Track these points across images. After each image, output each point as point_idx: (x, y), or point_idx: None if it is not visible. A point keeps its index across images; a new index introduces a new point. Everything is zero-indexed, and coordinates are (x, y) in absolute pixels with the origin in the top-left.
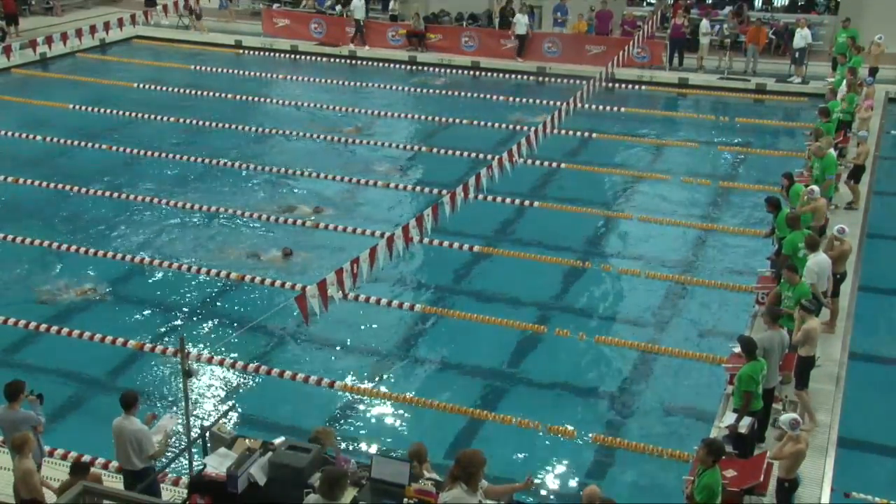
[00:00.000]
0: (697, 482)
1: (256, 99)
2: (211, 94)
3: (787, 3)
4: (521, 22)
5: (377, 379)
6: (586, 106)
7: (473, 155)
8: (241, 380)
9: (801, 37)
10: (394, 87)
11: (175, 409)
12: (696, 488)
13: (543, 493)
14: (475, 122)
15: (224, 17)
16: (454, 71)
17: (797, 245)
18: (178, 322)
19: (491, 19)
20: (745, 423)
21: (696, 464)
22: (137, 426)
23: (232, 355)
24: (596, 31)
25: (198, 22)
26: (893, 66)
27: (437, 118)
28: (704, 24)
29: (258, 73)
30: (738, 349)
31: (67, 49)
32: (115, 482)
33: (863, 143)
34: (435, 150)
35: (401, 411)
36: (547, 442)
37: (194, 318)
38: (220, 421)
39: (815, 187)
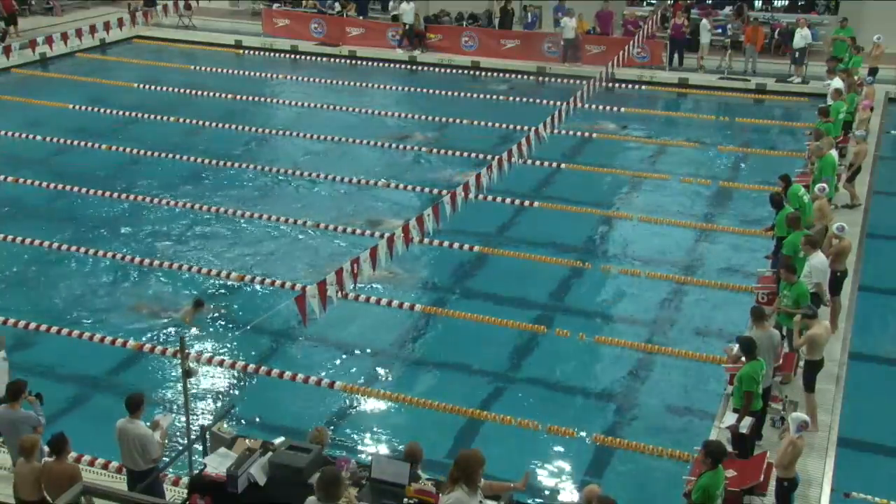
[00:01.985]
0: (696, 482)
1: (256, 99)
2: (211, 94)
3: (787, 3)
4: (568, 26)
5: (377, 379)
6: (586, 106)
7: (473, 155)
8: (241, 380)
9: (802, 37)
10: (392, 87)
11: (171, 408)
12: (693, 488)
13: (544, 493)
14: (475, 122)
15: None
16: (454, 71)
17: (797, 246)
18: (179, 321)
19: (491, 19)
20: (746, 424)
21: (696, 463)
22: (142, 431)
23: (232, 355)
24: (600, 32)
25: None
26: (893, 66)
27: (437, 118)
28: (705, 23)
29: (258, 73)
30: (737, 349)
31: (67, 49)
32: (116, 482)
33: (861, 142)
34: (435, 150)
35: (401, 411)
36: (547, 442)
37: (194, 318)
38: (220, 421)
39: (824, 185)
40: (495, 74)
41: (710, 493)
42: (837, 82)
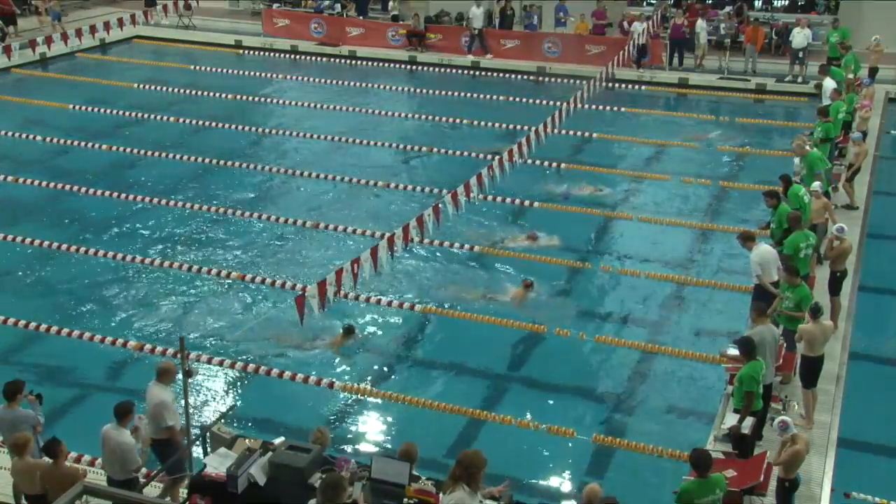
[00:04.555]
0: (680, 487)
1: (256, 99)
2: (211, 94)
3: (787, 3)
4: (637, 30)
5: (377, 379)
6: (586, 106)
7: (473, 155)
8: (241, 380)
9: (804, 36)
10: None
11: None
12: (679, 492)
13: (544, 493)
14: (475, 122)
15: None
16: (454, 71)
17: (798, 245)
18: (178, 322)
19: (491, 19)
20: (748, 424)
21: None
22: (124, 439)
23: (232, 355)
24: (593, 30)
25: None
26: (893, 66)
27: (437, 118)
28: (701, 23)
29: (258, 73)
30: (734, 350)
31: (67, 49)
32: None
33: (857, 143)
34: (435, 150)
35: (401, 411)
36: (547, 442)
37: (194, 318)
38: (220, 421)
39: (818, 182)
40: (495, 74)
41: (691, 501)
42: (830, 82)
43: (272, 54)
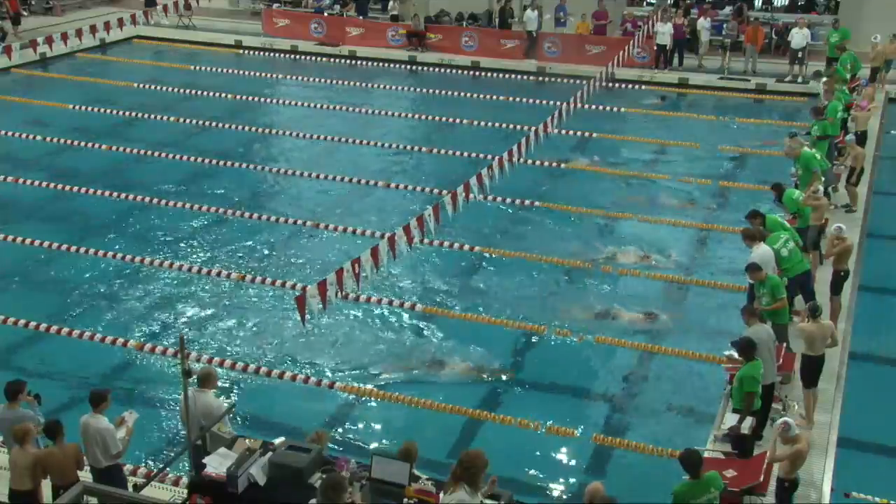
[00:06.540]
0: (674, 490)
1: (256, 99)
2: (211, 94)
3: (787, 3)
4: (661, 31)
5: (377, 379)
6: (586, 106)
7: (473, 155)
8: (241, 380)
9: (802, 36)
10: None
11: (170, 409)
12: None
13: (544, 493)
14: (475, 122)
15: None
16: (454, 71)
17: (774, 249)
18: (178, 322)
19: (491, 19)
20: (748, 424)
21: None
22: (103, 424)
23: (232, 355)
24: (594, 30)
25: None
26: (894, 67)
27: (437, 118)
28: (702, 22)
29: (258, 73)
30: (732, 352)
31: (67, 49)
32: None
33: (851, 146)
34: (435, 150)
35: (401, 411)
36: (547, 442)
37: (194, 318)
38: (220, 421)
39: (819, 186)
40: (495, 75)
41: (686, 502)
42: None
43: (272, 54)
